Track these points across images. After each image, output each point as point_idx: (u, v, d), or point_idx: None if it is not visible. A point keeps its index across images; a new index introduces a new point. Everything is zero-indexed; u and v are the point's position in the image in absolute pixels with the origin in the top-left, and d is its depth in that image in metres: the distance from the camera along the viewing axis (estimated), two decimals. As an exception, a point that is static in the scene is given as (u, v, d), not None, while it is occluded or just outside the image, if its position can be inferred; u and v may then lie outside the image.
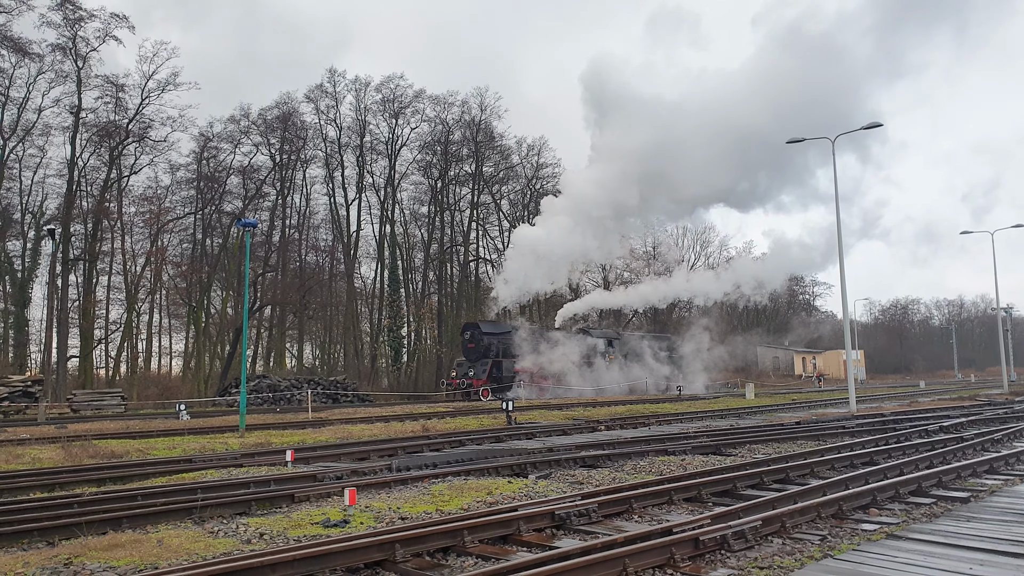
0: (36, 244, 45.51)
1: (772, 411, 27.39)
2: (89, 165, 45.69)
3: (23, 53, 41.21)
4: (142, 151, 47.24)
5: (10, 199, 44.27)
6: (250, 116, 51.77)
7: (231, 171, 51.79)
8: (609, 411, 27.02)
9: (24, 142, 43.65)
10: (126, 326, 47.60)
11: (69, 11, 41.83)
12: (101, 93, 44.85)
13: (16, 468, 12.64)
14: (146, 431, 19.40)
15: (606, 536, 6.67)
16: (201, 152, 50.47)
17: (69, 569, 6.11)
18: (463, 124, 58.54)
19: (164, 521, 8.27)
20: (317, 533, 7.43)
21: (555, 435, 18.30)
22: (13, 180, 44.24)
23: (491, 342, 38.39)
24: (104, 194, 45.63)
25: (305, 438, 18.00)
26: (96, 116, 44.87)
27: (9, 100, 42.08)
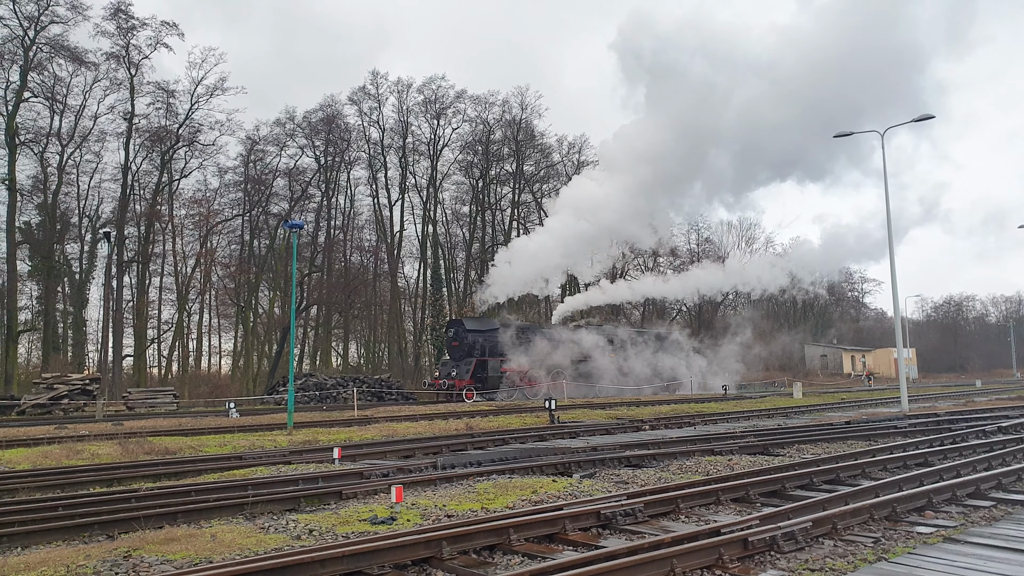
0: (92, 247, 47.05)
1: (820, 410, 26.86)
2: (142, 169, 47.12)
3: (79, 62, 42.63)
4: (192, 155, 48.52)
5: (68, 204, 45.81)
6: (295, 119, 52.73)
7: (277, 173, 52.80)
8: (653, 411, 26.81)
9: (81, 148, 45.12)
10: (177, 326, 48.84)
11: (122, 20, 43.16)
12: (153, 99, 46.23)
13: (76, 463, 13.08)
14: (198, 428, 19.88)
15: (653, 536, 6.62)
16: (248, 155, 51.56)
17: (128, 562, 6.29)
18: (504, 123, 58.73)
19: (217, 516, 8.46)
20: (365, 530, 7.53)
21: (598, 434, 18.24)
22: (70, 185, 45.77)
23: (476, 340, 36.08)
24: (156, 197, 46.92)
25: (351, 436, 18.27)
26: (148, 122, 46.23)
27: (67, 108, 43.54)
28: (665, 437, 16.54)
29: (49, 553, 6.75)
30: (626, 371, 40.53)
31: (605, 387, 38.82)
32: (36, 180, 43.84)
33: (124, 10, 43.19)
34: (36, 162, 43.61)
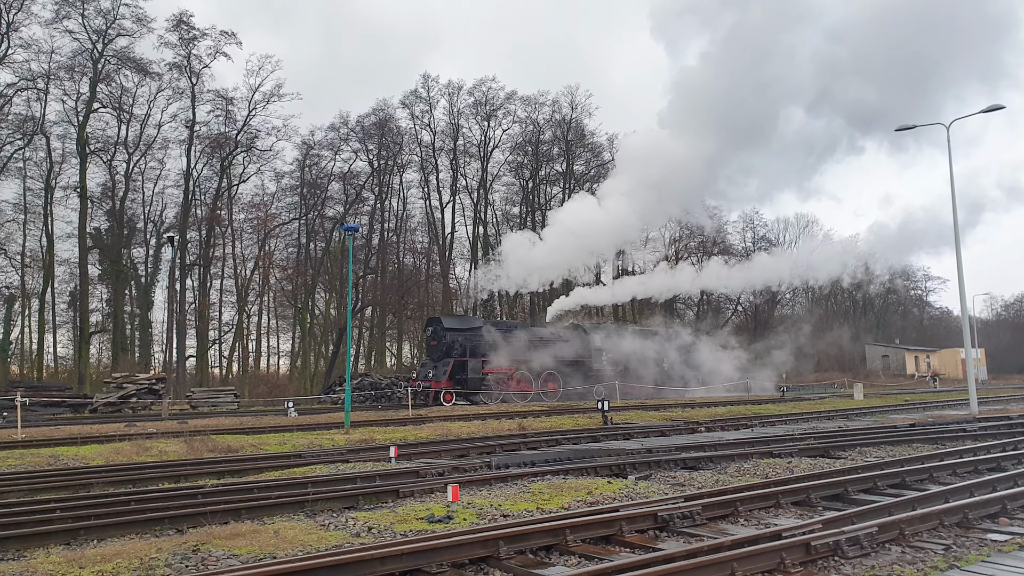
0: (157, 251, 48.71)
1: (883, 412, 26.07)
2: (202, 175, 48.59)
3: (144, 73, 44.23)
4: (250, 160, 49.83)
5: (134, 210, 47.54)
6: (348, 123, 53.60)
7: (332, 177, 53.77)
8: (709, 412, 26.43)
9: (146, 156, 46.80)
10: (237, 327, 50.20)
11: (184, 31, 44.60)
12: (212, 107, 47.65)
13: (146, 460, 13.57)
14: (258, 427, 20.39)
15: (711, 539, 6.54)
16: (304, 160, 52.66)
17: (197, 555, 6.50)
18: (554, 123, 58.68)
19: (279, 513, 8.66)
20: (423, 528, 7.62)
21: (653, 436, 18.06)
22: (136, 192, 47.50)
23: (455, 339, 33.33)
24: (216, 202, 48.32)
25: (406, 435, 18.50)
26: (208, 129, 47.67)
27: (133, 117, 45.20)
28: (721, 439, 16.29)
29: (123, 546, 7.01)
30: (630, 372, 37.83)
31: (604, 389, 35.78)
32: (105, 187, 45.64)
33: (186, 21, 44.68)
34: (105, 170, 45.43)
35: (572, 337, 36.59)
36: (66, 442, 16.47)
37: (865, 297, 74.76)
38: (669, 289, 42.87)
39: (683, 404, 30.85)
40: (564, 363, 35.36)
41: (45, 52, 41.70)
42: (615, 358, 37.29)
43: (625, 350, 37.84)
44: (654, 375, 38.44)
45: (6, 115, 41.54)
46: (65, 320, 47.25)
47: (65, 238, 45.38)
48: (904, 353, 74.99)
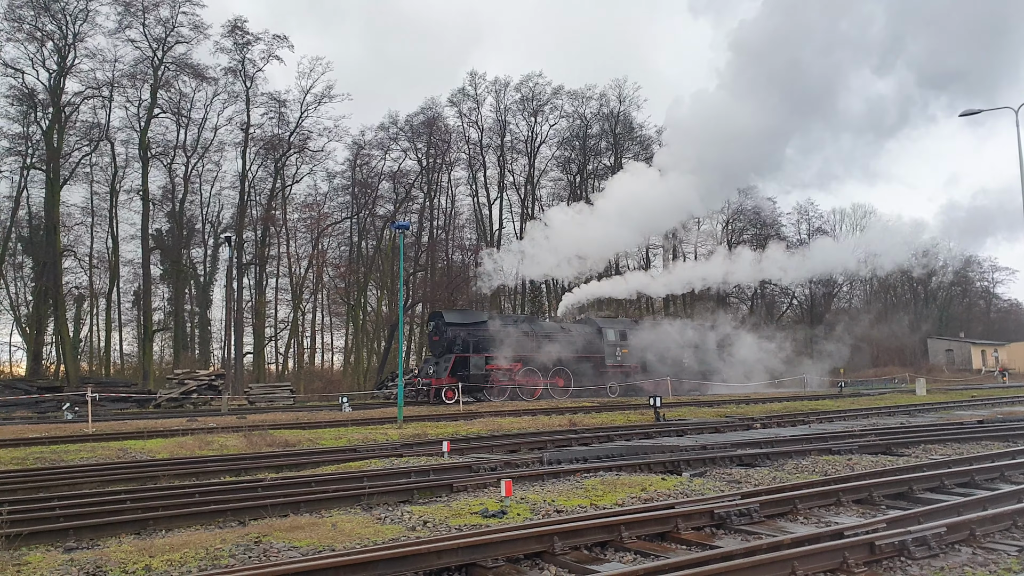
0: (215, 251, 50.10)
1: (947, 409, 25.23)
2: (257, 176, 49.69)
3: (201, 78, 45.50)
4: (302, 161, 50.78)
5: (193, 211, 48.99)
6: (398, 123, 54.16)
7: (382, 176, 54.44)
8: (764, 408, 25.97)
9: (203, 159, 48.11)
10: (292, 324, 51.26)
11: (238, 36, 45.67)
12: (266, 109, 48.72)
13: (208, 454, 13.97)
14: (314, 422, 20.79)
15: (770, 537, 6.42)
16: (354, 160, 53.45)
17: (259, 547, 6.67)
18: (601, 117, 58.30)
19: (336, 506, 8.83)
20: (477, 523, 7.67)
21: (707, 432, 17.82)
22: (195, 194, 48.90)
23: (456, 334, 31.91)
24: (271, 203, 49.41)
25: (458, 430, 18.65)
26: (262, 131, 48.75)
27: (191, 121, 46.54)
28: (778, 436, 15.99)
29: (190, 536, 7.24)
30: (648, 368, 36.18)
31: (617, 386, 34.80)
32: (165, 190, 47.09)
33: (240, 26, 45.76)
34: (165, 173, 46.88)
35: (583, 331, 35.19)
36: (133, 436, 17.06)
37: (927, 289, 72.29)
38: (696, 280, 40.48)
39: (737, 400, 30.37)
40: (574, 358, 33.97)
41: (109, 61, 43.29)
42: (630, 353, 35.80)
43: (641, 344, 36.27)
44: (675, 370, 36.46)
45: (74, 123, 43.22)
46: (130, 319, 49.01)
47: (129, 239, 47.08)
48: (970, 347, 72.33)
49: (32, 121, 42.02)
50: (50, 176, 41.68)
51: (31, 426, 21.86)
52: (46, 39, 41.14)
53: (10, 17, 40.07)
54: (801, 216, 65.47)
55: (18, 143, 42.40)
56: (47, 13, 40.74)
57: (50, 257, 41.38)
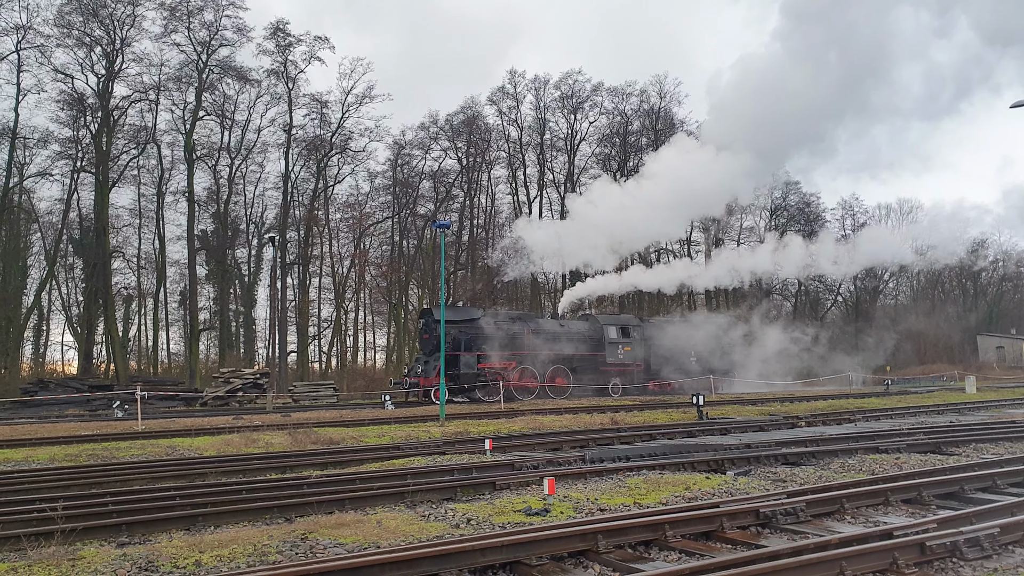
0: (259, 251, 51.03)
1: (999, 407, 24.52)
2: (300, 177, 50.42)
3: (244, 80, 46.34)
4: (344, 161, 51.39)
5: (237, 212, 49.92)
6: (438, 122, 54.46)
7: (423, 176, 54.81)
8: (809, 406, 25.55)
9: (247, 160, 49.03)
10: (335, 323, 51.94)
11: (280, 38, 46.38)
12: (308, 110, 49.37)
13: (253, 451, 14.24)
14: (357, 420, 21.04)
15: (817, 536, 6.32)
16: (395, 159, 53.91)
17: (305, 544, 6.78)
18: (641, 113, 57.83)
19: (380, 504, 8.92)
20: (520, 520, 7.69)
21: (750, 431, 17.61)
22: (239, 195, 49.84)
23: (447, 332, 29.91)
24: (313, 203, 50.11)
25: (499, 428, 18.69)
26: (304, 132, 49.42)
27: (234, 123, 47.46)
28: (824, 434, 15.70)
29: (237, 532, 7.39)
30: (652, 367, 34.98)
31: (620, 385, 33.58)
32: (210, 191, 48.09)
33: (282, 28, 46.49)
34: (210, 175, 47.88)
35: (584, 329, 33.98)
36: (181, 434, 17.45)
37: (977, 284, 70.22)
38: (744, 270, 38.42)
39: (782, 398, 29.91)
40: (574, 357, 32.73)
41: (155, 65, 44.38)
42: (633, 351, 34.44)
43: (646, 342, 34.96)
44: (684, 368, 35.28)
45: (122, 126, 44.40)
46: (176, 318, 50.20)
47: (175, 240, 48.23)
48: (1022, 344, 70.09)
49: (82, 125, 43.31)
50: (99, 179, 42.88)
51: (83, 423, 22.54)
52: (95, 44, 42.33)
53: (60, 23, 41.33)
54: (845, 211, 64.09)
55: (69, 147, 43.77)
56: (95, 19, 41.89)
57: (100, 258, 42.58)
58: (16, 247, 44.48)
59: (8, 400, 31.64)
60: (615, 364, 33.86)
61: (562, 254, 34.45)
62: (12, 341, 43.09)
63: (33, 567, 6.08)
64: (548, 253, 34.44)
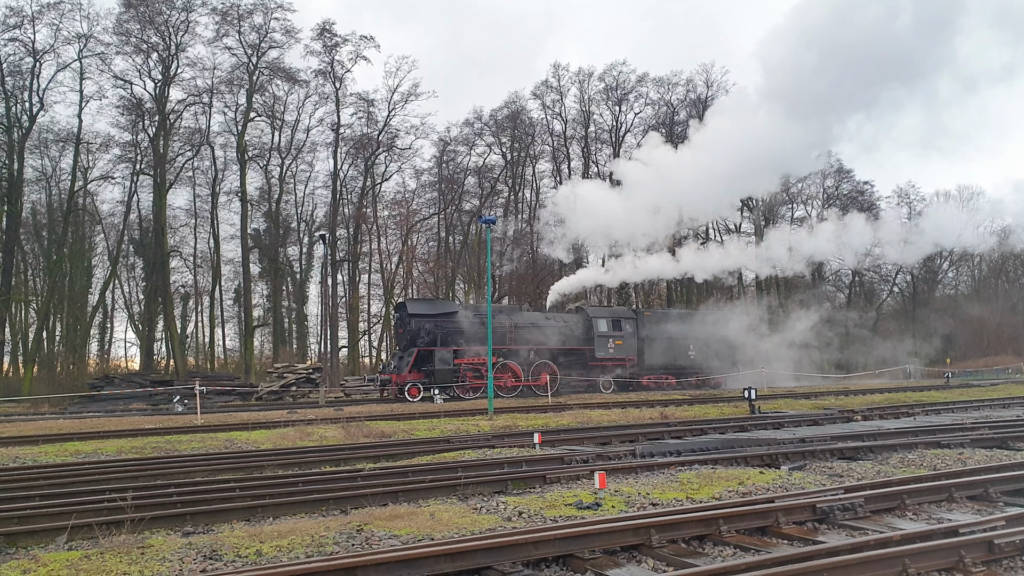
0: (310, 249, 51.96)
1: (1071, 401, 23.56)
2: (348, 175, 51.13)
3: (293, 81, 47.18)
4: (391, 159, 51.91)
5: (288, 211, 50.92)
6: (482, 118, 54.59)
7: (468, 172, 55.03)
8: (864, 400, 24.98)
9: (296, 160, 49.91)
10: (385, 319, 52.56)
11: (327, 39, 47.05)
12: (355, 109, 50.00)
13: (308, 445, 14.54)
14: (407, 413, 21.31)
15: (878, 533, 6.19)
16: (441, 156, 54.25)
17: (361, 535, 6.91)
18: (688, 103, 57.04)
19: (432, 496, 9.03)
20: (571, 514, 7.71)
21: (804, 425, 17.30)
22: (289, 194, 50.81)
23: (420, 326, 29.26)
24: (361, 201, 50.78)
25: (547, 422, 18.73)
26: (352, 131, 50.07)
27: (284, 124, 48.35)
28: (881, 428, 15.32)
29: (295, 523, 7.58)
30: (645, 361, 33.26)
31: (611, 381, 32.19)
32: (262, 191, 49.14)
33: (329, 29, 47.14)
34: (261, 175, 48.91)
35: (570, 322, 32.30)
36: (238, 427, 17.93)
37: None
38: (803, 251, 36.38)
39: (836, 392, 29.26)
40: (560, 351, 31.30)
41: (208, 69, 45.50)
42: (625, 344, 32.73)
43: (640, 335, 33.30)
44: (682, 363, 33.92)
45: (178, 129, 45.67)
46: (231, 315, 51.53)
47: (229, 239, 49.43)
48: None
49: (140, 129, 44.70)
50: (157, 181, 44.21)
51: (146, 417, 23.33)
52: (151, 51, 43.63)
53: (119, 31, 42.71)
54: (901, 199, 62.17)
55: (128, 151, 45.28)
56: (152, 26, 43.16)
57: (158, 258, 43.93)
58: (81, 248, 46.18)
59: (77, 395, 32.92)
60: (605, 358, 32.18)
61: (608, 228, 32.64)
62: (80, 339, 44.80)
63: (105, 554, 6.33)
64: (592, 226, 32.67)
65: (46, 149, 44.72)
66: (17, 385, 39.73)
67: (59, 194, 45.56)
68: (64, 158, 45.21)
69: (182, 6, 43.74)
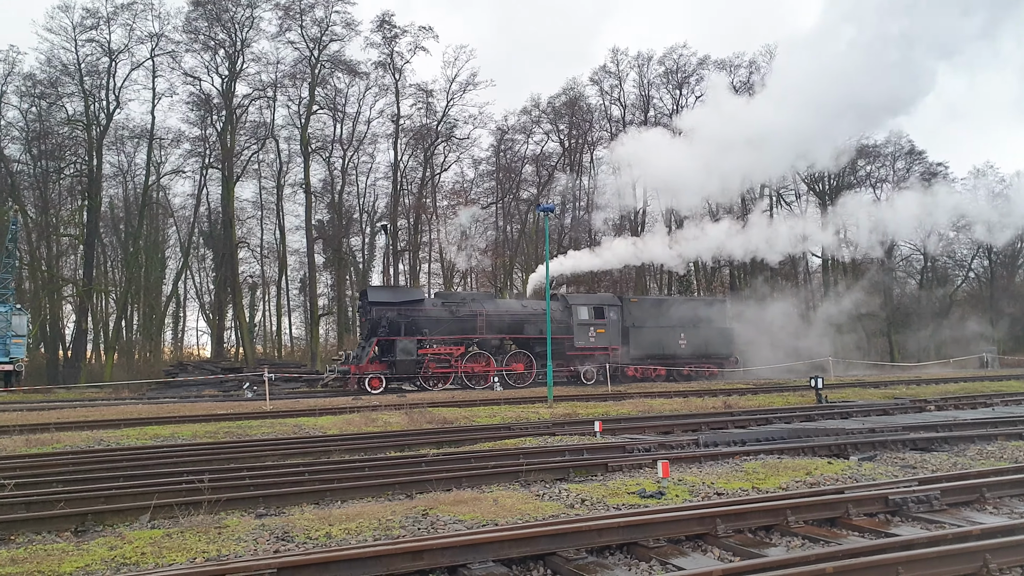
0: (372, 239, 52.79)
1: None
2: (408, 166, 51.69)
3: (354, 73, 47.86)
4: (450, 149, 52.24)
5: (350, 201, 51.80)
6: (540, 106, 54.42)
7: (525, 160, 55.00)
8: (938, 390, 24.11)
9: (358, 151, 50.69)
10: (446, 308, 53.09)
11: (386, 30, 47.55)
12: (414, 100, 50.46)
13: (373, 430, 14.85)
14: (468, 400, 21.53)
15: (955, 526, 5.99)
16: (498, 145, 54.33)
17: (427, 520, 7.03)
18: (750, 86, 55.64)
19: (495, 482, 9.12)
20: (634, 503, 7.69)
21: (874, 414, 16.82)
22: (351, 185, 51.65)
23: (382, 315, 27.94)
24: (421, 191, 51.30)
25: (607, 410, 18.65)
26: (411, 122, 50.56)
27: (345, 116, 49.18)
28: (957, 419, 14.78)
29: (363, 507, 7.76)
30: (628, 351, 31.57)
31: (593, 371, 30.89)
32: (325, 183, 50.12)
33: (388, 20, 47.60)
34: (324, 166, 49.87)
35: (543, 311, 30.77)
36: (305, 413, 18.41)
37: None
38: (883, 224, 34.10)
39: (907, 381, 28.31)
40: (537, 341, 29.60)
41: (271, 63, 46.56)
42: (607, 333, 31.22)
43: (625, 323, 31.79)
44: (668, 352, 32.36)
45: (243, 123, 46.93)
46: (297, 304, 52.82)
47: (294, 230, 50.62)
48: None
49: (208, 124, 46.12)
50: (225, 174, 45.54)
51: (218, 403, 24.17)
52: (218, 48, 44.90)
53: (188, 30, 44.11)
54: (978, 178, 59.38)
55: (198, 145, 46.84)
56: (219, 23, 44.39)
57: (227, 249, 45.31)
58: (156, 240, 48.08)
59: (154, 381, 34.34)
60: (585, 348, 30.82)
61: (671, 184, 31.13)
62: (155, 327, 46.70)
63: (185, 533, 6.62)
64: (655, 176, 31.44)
65: (122, 146, 46.71)
66: (100, 372, 41.79)
67: (134, 188, 47.49)
68: (138, 154, 47.15)
69: (247, 2, 44.85)
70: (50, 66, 42.92)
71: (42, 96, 43.17)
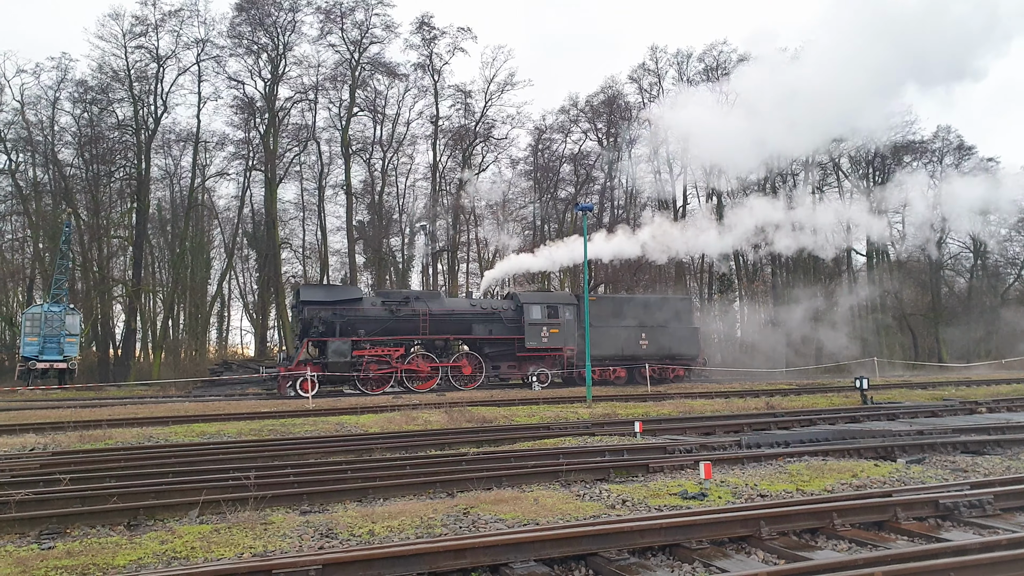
0: (411, 239, 53.19)
1: None
2: (447, 167, 51.99)
3: (393, 75, 48.33)
4: (488, 149, 52.40)
5: (390, 202, 52.27)
6: (578, 105, 54.26)
7: (563, 159, 54.88)
8: (989, 391, 23.44)
9: (397, 152, 51.15)
10: (482, 307, 53.27)
11: (425, 32, 47.91)
12: (453, 101, 50.73)
13: (414, 429, 14.98)
14: (507, 399, 21.57)
15: (1010, 532, 5.83)
16: (536, 145, 54.31)
17: (468, 518, 7.08)
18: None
19: (535, 482, 9.14)
20: (676, 504, 7.63)
21: (921, 416, 16.42)
22: (391, 186, 52.13)
23: (314, 315, 26.78)
24: (460, 191, 51.54)
25: (647, 411, 18.53)
26: (450, 123, 50.84)
27: (385, 118, 49.66)
28: (1010, 421, 14.37)
29: (404, 505, 7.84)
30: (581, 351, 29.75)
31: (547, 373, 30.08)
32: (365, 184, 50.67)
33: (427, 22, 47.97)
34: (364, 168, 50.42)
35: (499, 310, 29.62)
36: (347, 412, 18.64)
37: None
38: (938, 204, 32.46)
39: (956, 382, 27.56)
40: (485, 341, 28.96)
41: (313, 66, 47.24)
42: (562, 333, 29.85)
43: (583, 323, 28.95)
44: (628, 353, 31.04)
45: (286, 126, 47.69)
46: (338, 304, 53.35)
47: (335, 231, 51.24)
48: None
49: (252, 127, 46.98)
50: (268, 176, 46.34)
51: (262, 401, 24.62)
52: (261, 52, 45.72)
53: (232, 35, 45.01)
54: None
55: (241, 148, 47.72)
56: (262, 28, 45.21)
57: (271, 249, 46.08)
58: (201, 241, 49.09)
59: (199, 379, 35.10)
60: (537, 348, 29.48)
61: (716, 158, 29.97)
62: (200, 327, 47.74)
63: (233, 528, 6.77)
64: None
65: (169, 149, 47.81)
66: (148, 370, 42.87)
67: (180, 191, 48.57)
68: (184, 157, 48.18)
69: (289, 7, 45.59)
70: (101, 72, 44.22)
71: (93, 102, 44.44)
